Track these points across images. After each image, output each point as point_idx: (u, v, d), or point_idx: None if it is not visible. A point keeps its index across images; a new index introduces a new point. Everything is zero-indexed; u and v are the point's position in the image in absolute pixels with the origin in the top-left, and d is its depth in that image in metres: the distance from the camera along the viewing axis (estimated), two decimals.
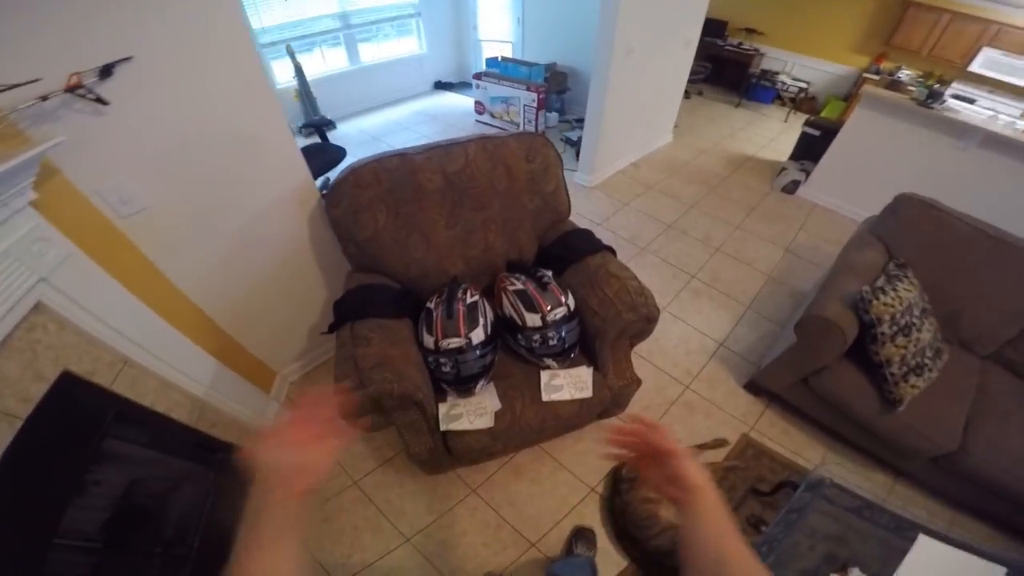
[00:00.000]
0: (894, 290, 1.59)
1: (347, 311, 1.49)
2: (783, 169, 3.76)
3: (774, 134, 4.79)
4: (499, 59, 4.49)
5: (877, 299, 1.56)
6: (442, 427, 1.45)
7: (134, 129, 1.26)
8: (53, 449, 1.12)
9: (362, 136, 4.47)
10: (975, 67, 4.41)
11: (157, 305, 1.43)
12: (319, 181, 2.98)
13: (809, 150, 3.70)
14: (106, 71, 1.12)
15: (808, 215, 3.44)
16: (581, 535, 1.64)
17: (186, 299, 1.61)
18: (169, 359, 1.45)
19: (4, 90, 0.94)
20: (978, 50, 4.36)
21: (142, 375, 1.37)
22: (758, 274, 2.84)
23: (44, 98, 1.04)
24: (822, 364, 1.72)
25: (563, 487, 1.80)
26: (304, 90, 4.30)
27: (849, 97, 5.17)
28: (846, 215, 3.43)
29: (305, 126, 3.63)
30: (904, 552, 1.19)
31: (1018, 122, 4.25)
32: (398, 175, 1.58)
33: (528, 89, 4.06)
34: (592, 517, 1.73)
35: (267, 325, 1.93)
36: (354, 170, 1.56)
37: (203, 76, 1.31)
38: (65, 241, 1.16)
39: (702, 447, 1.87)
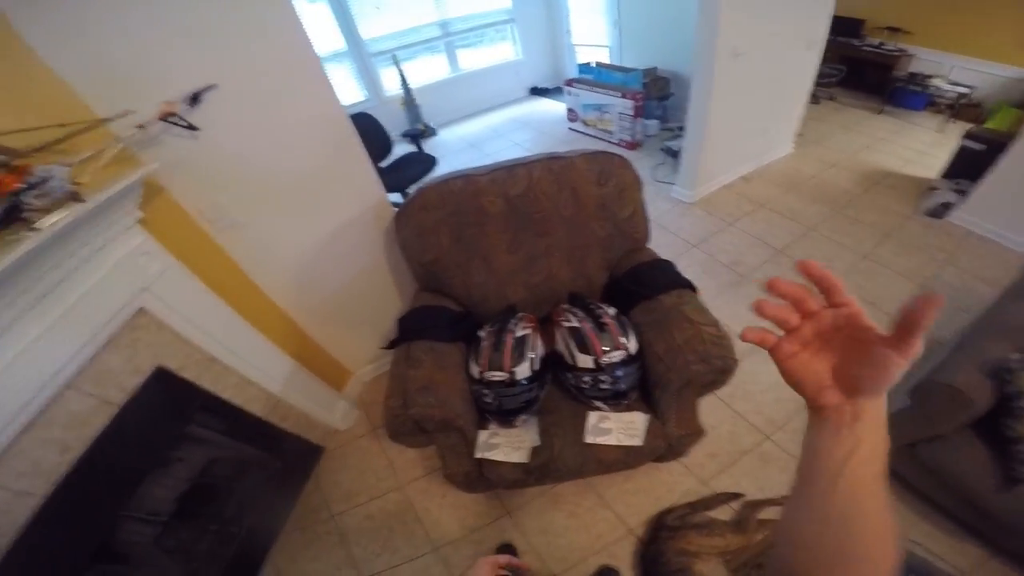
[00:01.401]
0: None
1: (406, 330, 1.53)
2: (933, 188, 3.12)
3: (924, 146, 4.01)
4: (593, 65, 4.34)
5: None
6: (477, 454, 1.44)
7: (225, 151, 1.39)
8: (142, 433, 1.27)
9: (460, 143, 4.61)
10: None
11: (245, 310, 1.58)
12: (413, 188, 3.13)
13: (969, 167, 3.01)
14: (194, 99, 1.24)
15: (959, 246, 2.80)
16: (606, 574, 1.55)
17: (272, 303, 1.77)
18: (250, 359, 1.60)
19: (95, 126, 1.07)
20: None
21: (225, 372, 1.53)
22: (883, 315, 2.37)
23: (142, 127, 1.17)
24: (936, 434, 1.45)
25: (601, 524, 1.71)
26: (408, 98, 4.55)
27: None
28: (1014, 248, 2.74)
29: (404, 134, 3.84)
30: None
31: None
32: (462, 197, 1.56)
33: (623, 96, 3.84)
34: (623, 559, 1.62)
35: (346, 329, 2.06)
36: (422, 191, 1.58)
37: (280, 102, 1.41)
38: (166, 254, 1.31)
39: (765, 503, 1.65)
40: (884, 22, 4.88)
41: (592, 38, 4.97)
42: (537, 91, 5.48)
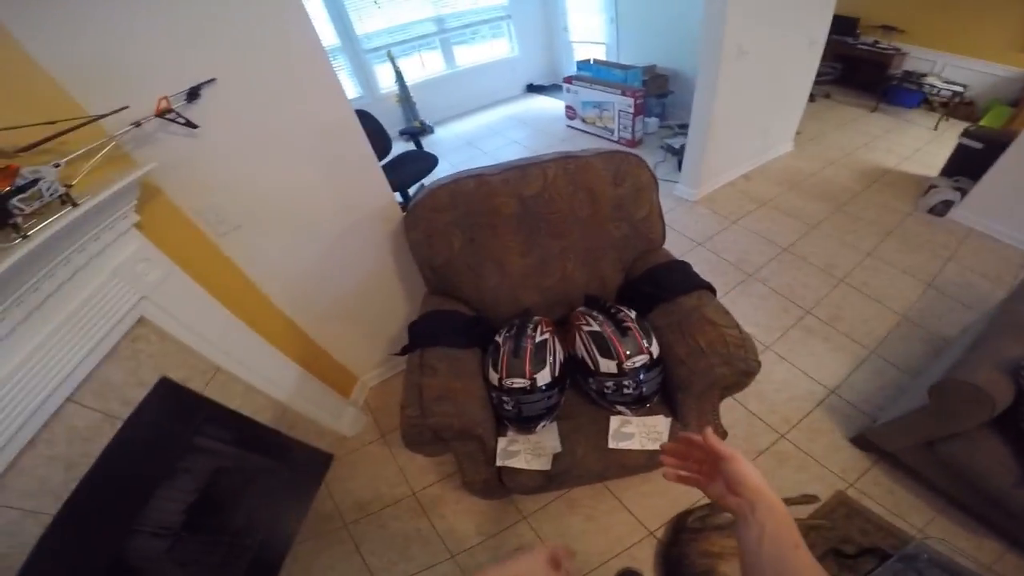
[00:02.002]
0: None
1: (418, 336, 1.48)
2: (932, 186, 3.13)
3: (921, 144, 4.04)
4: (591, 62, 4.30)
5: None
6: (498, 462, 1.40)
7: (225, 150, 1.32)
8: (148, 446, 1.22)
9: (457, 141, 4.55)
10: None
11: (249, 316, 1.52)
12: (414, 188, 3.07)
13: (967, 165, 3.04)
14: (193, 94, 1.17)
15: (961, 243, 2.82)
16: None
17: (277, 309, 1.71)
18: (256, 368, 1.55)
19: (86, 123, 1.00)
20: None
21: (231, 381, 1.47)
22: (889, 313, 2.38)
23: (138, 124, 1.10)
24: (955, 431, 1.45)
25: (619, 527, 1.68)
26: (404, 95, 4.48)
27: (1018, 103, 4.24)
28: (1014, 245, 2.76)
29: (403, 132, 3.77)
30: None
31: None
32: (474, 198, 1.51)
33: (624, 94, 3.81)
34: (644, 562, 1.60)
35: (351, 334, 2.01)
36: (432, 192, 1.53)
37: (285, 97, 1.34)
38: (165, 260, 1.25)
39: (787, 501, 1.61)
40: (878, 20, 4.94)
41: (589, 35, 4.94)
42: (534, 88, 5.44)
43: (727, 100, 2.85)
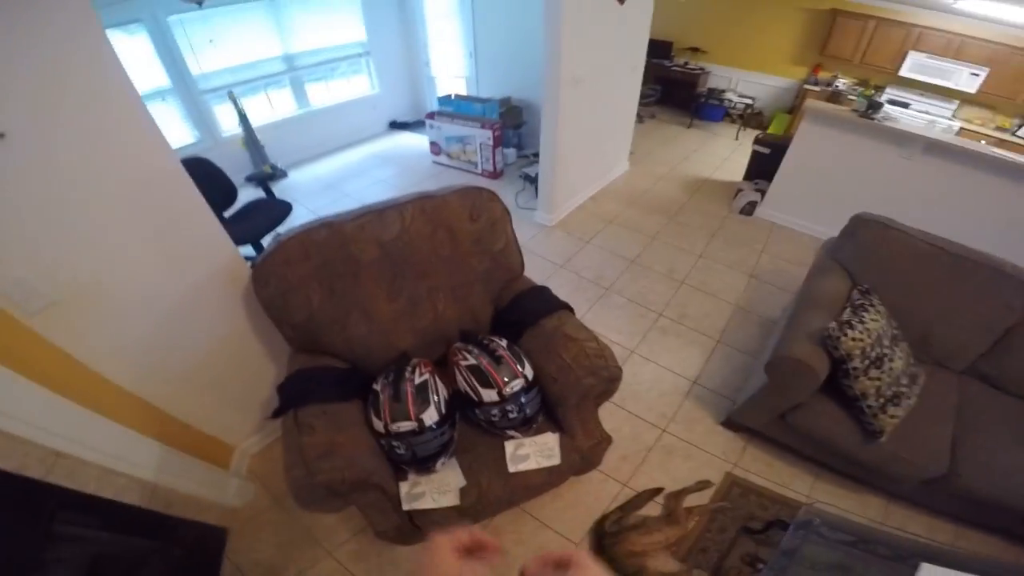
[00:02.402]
0: (861, 322, 1.56)
1: (289, 398, 1.37)
2: (739, 190, 3.79)
3: (727, 153, 4.87)
4: (452, 96, 4.45)
5: (845, 335, 1.52)
6: (404, 507, 1.36)
7: (23, 216, 1.12)
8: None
9: (316, 184, 4.31)
10: (905, 71, 4.64)
11: (83, 398, 1.28)
12: (268, 238, 2.84)
13: (762, 168, 3.73)
14: None
15: (769, 236, 3.45)
16: None
17: (116, 386, 1.45)
18: (104, 448, 1.32)
19: None
20: (905, 54, 4.58)
21: (80, 465, 1.25)
22: (725, 304, 2.80)
23: None
24: (796, 402, 1.67)
25: (549, 544, 1.71)
26: (250, 138, 4.16)
27: (793, 110, 5.31)
28: (806, 233, 3.46)
29: (250, 178, 3.48)
30: None
31: (952, 124, 4.49)
32: (328, 248, 1.46)
33: (483, 127, 3.99)
34: None
35: (214, 403, 1.78)
36: (280, 244, 1.43)
37: (92, 150, 1.18)
38: None
39: (685, 492, 1.80)
40: (688, 43, 5.79)
41: (451, 69, 5.06)
42: (397, 125, 5.40)
43: (569, 126, 3.12)
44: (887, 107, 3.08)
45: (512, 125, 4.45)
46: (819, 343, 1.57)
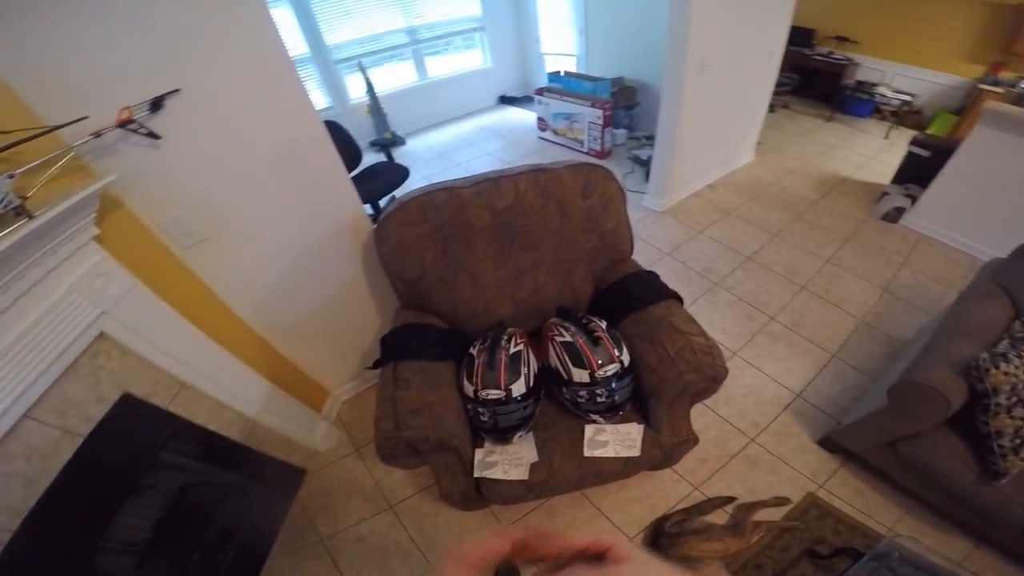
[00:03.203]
0: (1019, 356, 1.34)
1: (391, 350, 1.47)
2: (884, 194, 3.31)
3: (873, 152, 4.26)
4: (561, 74, 4.38)
5: (997, 367, 1.31)
6: (476, 474, 1.41)
7: (189, 161, 1.30)
8: (111, 462, 1.20)
9: (429, 153, 4.53)
10: None
11: (214, 331, 1.49)
12: (384, 200, 3.05)
13: (916, 172, 3.21)
14: (156, 104, 1.15)
15: (913, 248, 2.98)
16: None
17: (244, 324, 1.67)
18: (223, 383, 1.52)
19: (43, 133, 0.96)
20: None
21: (197, 397, 1.44)
22: (848, 317, 2.49)
23: (97, 134, 1.07)
24: (915, 431, 1.50)
25: (600, 534, 1.67)
26: (375, 106, 4.45)
27: (962, 111, 4.51)
28: (961, 250, 2.93)
29: (373, 143, 3.74)
30: None
31: None
32: (445, 211, 1.52)
33: (593, 105, 3.89)
34: None
35: (322, 348, 1.98)
36: (402, 205, 1.53)
37: (251, 108, 1.33)
38: (126, 274, 1.21)
39: (759, 505, 1.70)
40: (833, 31, 5.13)
41: (560, 47, 5.02)
42: (506, 100, 5.48)
43: (691, 112, 2.93)
44: None
45: (624, 105, 4.29)
46: (961, 372, 1.39)
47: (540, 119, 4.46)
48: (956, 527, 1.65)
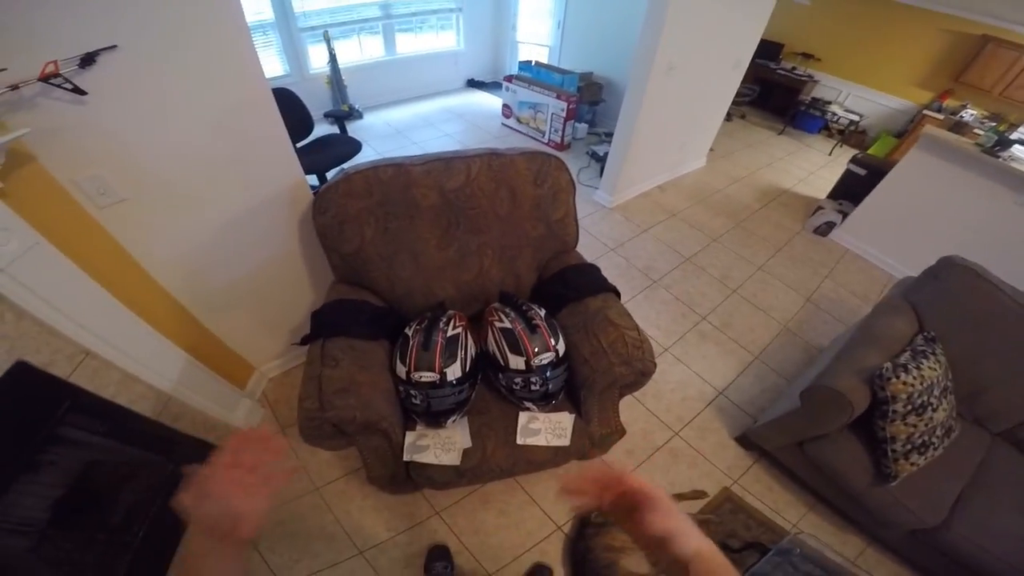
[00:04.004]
0: (917, 368, 1.48)
1: (321, 326, 1.41)
2: (819, 208, 3.53)
3: (815, 167, 4.53)
4: (532, 63, 4.35)
5: (897, 377, 1.44)
6: (405, 457, 1.38)
7: (116, 120, 1.19)
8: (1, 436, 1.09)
9: (386, 129, 4.39)
10: None
11: (128, 297, 1.37)
12: (332, 172, 2.93)
13: (851, 190, 3.46)
14: (88, 59, 1.05)
15: (838, 262, 3.21)
16: (539, 573, 1.58)
17: (163, 291, 1.56)
18: (135, 354, 1.40)
19: None
20: None
21: (104, 367, 1.32)
22: (773, 323, 2.66)
23: (15, 87, 0.98)
24: (821, 432, 1.63)
25: (531, 521, 1.73)
26: (336, 77, 4.27)
27: (903, 134, 4.85)
28: (880, 266, 3.19)
29: (328, 114, 3.59)
30: None
31: None
32: (392, 187, 1.48)
33: (558, 97, 3.91)
34: (554, 556, 1.66)
35: (249, 321, 1.88)
36: (347, 177, 1.47)
37: (194, 70, 1.23)
38: (29, 231, 1.10)
39: (679, 498, 1.80)
40: (800, 47, 5.35)
41: (536, 37, 4.99)
42: (474, 83, 5.39)
43: (651, 113, 2.99)
44: (1017, 147, 2.73)
45: (589, 101, 4.34)
46: (866, 380, 1.51)
47: (506, 106, 4.42)
48: (851, 525, 1.79)
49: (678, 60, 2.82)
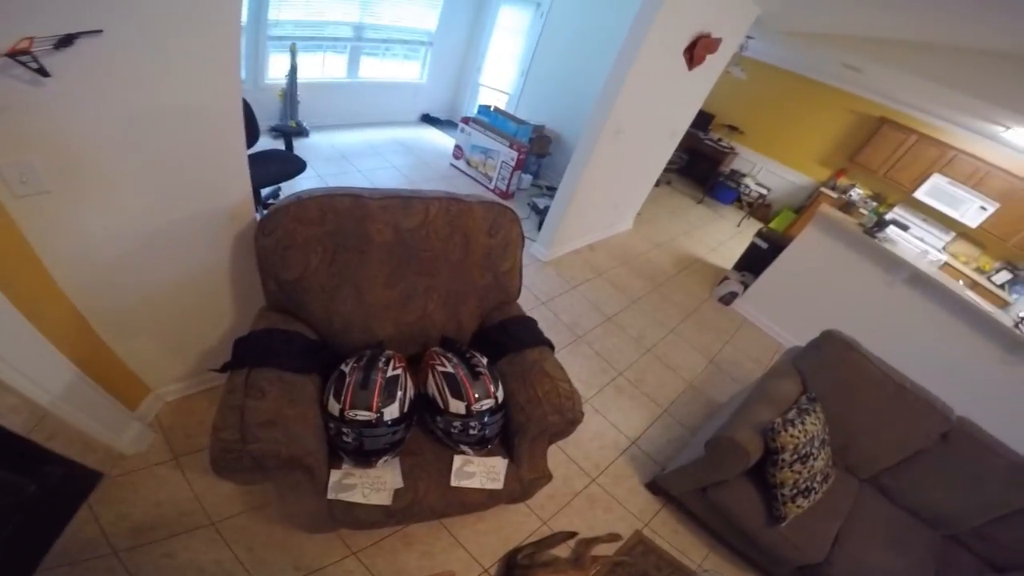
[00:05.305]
0: (802, 423, 1.74)
1: (247, 354, 1.32)
2: (725, 278, 3.95)
3: (725, 238, 5.07)
4: (491, 109, 4.52)
5: (785, 430, 1.69)
6: (330, 495, 1.32)
7: (70, 107, 1.10)
8: None
9: (331, 151, 4.27)
10: (920, 194, 4.75)
11: (17, 295, 1.19)
12: (268, 190, 2.80)
13: (754, 262, 3.86)
14: (66, 41, 0.98)
15: (738, 329, 3.62)
16: None
17: (61, 295, 1.38)
18: (13, 359, 1.20)
19: None
20: (928, 176, 4.67)
21: None
22: (680, 380, 2.93)
23: None
24: (722, 479, 1.82)
25: (456, 564, 1.71)
26: (291, 91, 4.13)
27: (801, 209, 5.31)
28: (772, 336, 3.64)
29: (274, 129, 3.44)
30: None
31: (940, 257, 4.56)
32: (346, 218, 1.46)
33: (511, 146, 4.07)
34: None
35: (154, 338, 1.70)
36: (301, 201, 1.43)
37: (176, 68, 1.19)
38: None
39: (596, 540, 1.87)
40: (728, 119, 5.79)
41: (498, 82, 5.14)
42: (428, 119, 5.43)
43: (595, 172, 3.20)
44: (890, 227, 3.19)
45: (537, 152, 4.53)
46: (760, 432, 1.73)
47: (458, 147, 4.53)
48: (749, 564, 1.98)
49: (626, 124, 3.05)
